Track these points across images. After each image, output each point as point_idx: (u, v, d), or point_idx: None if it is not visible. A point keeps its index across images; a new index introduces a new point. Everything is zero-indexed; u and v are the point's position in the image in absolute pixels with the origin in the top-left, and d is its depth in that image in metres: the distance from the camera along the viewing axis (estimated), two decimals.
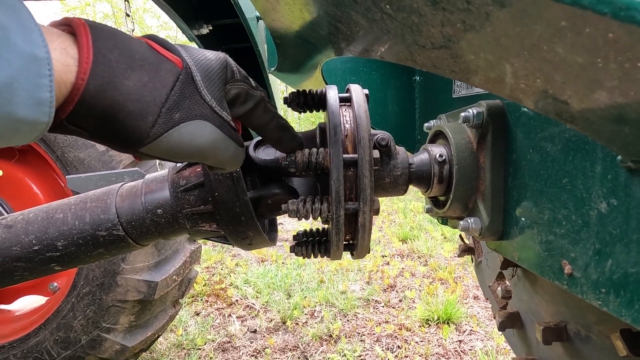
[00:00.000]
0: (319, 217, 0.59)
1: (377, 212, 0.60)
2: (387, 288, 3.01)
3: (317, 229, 0.72)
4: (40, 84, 0.31)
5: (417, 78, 1.11)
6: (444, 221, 0.81)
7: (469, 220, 0.65)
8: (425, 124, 0.83)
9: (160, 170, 0.73)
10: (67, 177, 1.29)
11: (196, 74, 0.42)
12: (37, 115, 0.32)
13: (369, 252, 0.67)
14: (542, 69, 0.29)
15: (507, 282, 0.99)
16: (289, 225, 4.38)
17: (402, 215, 4.67)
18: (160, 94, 0.39)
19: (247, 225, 0.63)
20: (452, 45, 0.34)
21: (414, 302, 2.81)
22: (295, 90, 0.65)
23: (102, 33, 0.37)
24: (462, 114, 0.63)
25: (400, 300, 2.84)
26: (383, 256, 3.55)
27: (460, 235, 1.25)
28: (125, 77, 0.37)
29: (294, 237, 0.69)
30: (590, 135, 0.36)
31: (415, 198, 5.44)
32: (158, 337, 1.96)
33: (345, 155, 0.57)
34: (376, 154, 0.59)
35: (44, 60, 0.31)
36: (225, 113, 0.45)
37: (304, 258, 0.68)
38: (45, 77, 0.31)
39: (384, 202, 5.25)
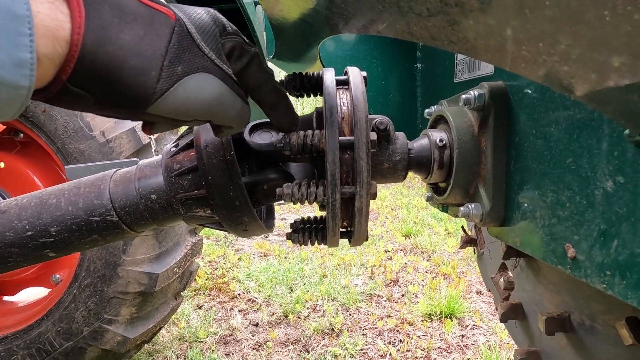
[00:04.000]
0: (315, 202, 0.58)
1: (374, 196, 0.59)
2: (390, 283, 3.00)
3: (315, 217, 0.70)
4: (19, 43, 0.30)
5: (419, 65, 1.08)
6: (445, 208, 0.79)
7: (469, 206, 0.63)
8: (426, 110, 0.82)
9: (155, 157, 0.72)
10: (66, 167, 1.28)
11: (190, 27, 0.41)
12: (17, 77, 0.30)
13: (367, 240, 0.66)
14: (544, 30, 0.27)
15: (510, 273, 0.97)
16: (291, 220, 4.37)
17: (405, 211, 4.65)
18: (159, 47, 0.38)
19: (241, 210, 0.61)
20: (449, 9, 0.32)
21: (416, 296, 2.79)
22: (292, 73, 0.64)
23: None
24: (464, 96, 0.61)
25: (403, 295, 2.83)
26: (386, 251, 3.53)
27: (463, 227, 1.23)
28: (120, 31, 0.36)
29: (291, 225, 0.68)
30: (597, 108, 0.34)
31: (419, 194, 5.41)
32: (160, 329, 1.97)
33: (341, 138, 0.55)
34: (373, 136, 0.57)
35: (23, 18, 0.30)
36: (226, 66, 0.44)
37: (300, 245, 0.67)
38: (25, 37, 0.30)
39: (388, 197, 5.23)
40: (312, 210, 4.63)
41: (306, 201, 0.58)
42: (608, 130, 0.39)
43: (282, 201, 0.64)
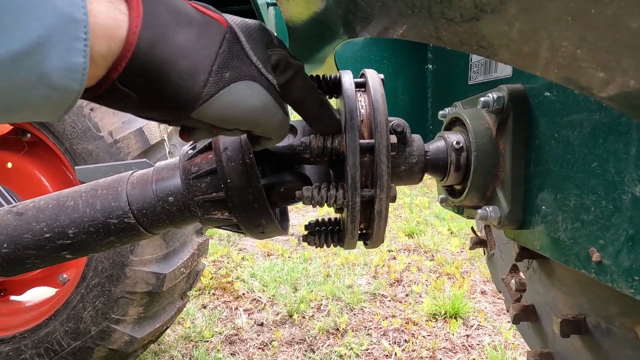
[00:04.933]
0: (334, 205, 0.58)
1: (393, 199, 0.59)
2: (394, 282, 3.00)
3: (329, 219, 0.71)
4: (73, 48, 0.30)
5: (430, 67, 1.08)
6: (460, 211, 0.79)
7: (487, 209, 0.63)
8: (440, 112, 0.81)
9: (171, 159, 0.72)
10: (75, 168, 1.29)
11: (240, 35, 0.41)
12: (68, 82, 0.30)
13: (383, 242, 0.66)
14: (585, 38, 0.27)
15: (522, 275, 0.97)
16: (294, 220, 4.37)
17: (408, 211, 4.65)
18: (210, 52, 0.38)
19: (260, 212, 0.62)
20: (484, 16, 0.32)
21: (420, 296, 2.79)
22: (309, 75, 0.64)
23: None
24: (482, 99, 0.61)
25: (407, 295, 2.83)
26: (389, 251, 3.53)
27: (472, 228, 1.23)
28: (175, 33, 0.36)
29: (306, 227, 0.68)
30: (629, 114, 0.34)
31: (421, 193, 5.40)
32: (166, 328, 1.97)
33: (361, 141, 0.55)
34: (393, 139, 0.58)
35: (80, 23, 0.30)
36: (271, 76, 0.44)
37: (316, 247, 0.67)
38: (80, 41, 0.30)
39: None
40: (314, 211, 4.63)
41: (325, 204, 0.58)
42: (637, 135, 0.39)
43: (300, 203, 0.64)
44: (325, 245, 0.66)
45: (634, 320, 0.61)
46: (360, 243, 0.67)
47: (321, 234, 0.66)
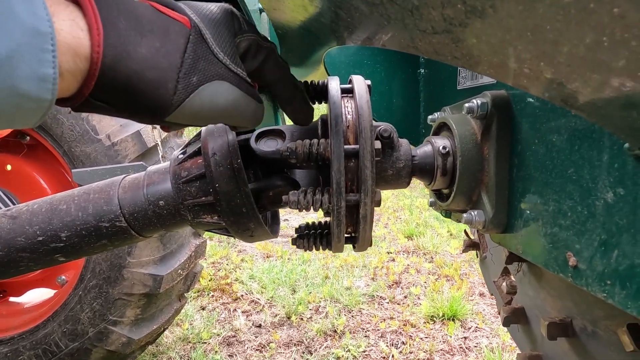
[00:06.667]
0: (320, 209, 0.59)
1: (378, 203, 0.60)
2: (392, 284, 3.00)
3: (320, 222, 0.72)
4: (42, 59, 0.31)
5: (422, 71, 1.09)
6: (448, 214, 0.80)
7: (472, 213, 0.64)
8: (429, 117, 0.82)
9: (163, 163, 0.73)
10: (72, 170, 1.30)
11: (205, 32, 0.41)
12: (40, 91, 0.31)
13: (370, 245, 0.67)
14: (545, 51, 0.28)
15: (512, 278, 0.98)
16: (294, 222, 4.38)
17: (407, 212, 4.65)
18: (175, 59, 0.38)
19: (248, 216, 0.63)
20: (453, 29, 0.33)
21: (419, 298, 2.80)
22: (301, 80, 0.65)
23: (104, 0, 0.36)
24: (466, 104, 0.62)
25: (406, 297, 2.83)
26: (388, 252, 3.54)
27: (465, 231, 1.24)
28: (137, 45, 0.36)
29: (296, 230, 0.69)
30: (598, 122, 0.35)
31: (421, 195, 5.41)
32: (164, 330, 1.98)
33: (346, 146, 0.56)
34: (378, 144, 0.59)
35: (47, 35, 0.31)
36: (241, 70, 0.44)
37: (305, 250, 0.68)
38: (48, 53, 0.31)
39: (390, 198, 5.23)
40: (314, 212, 4.64)
41: (312, 208, 0.59)
42: (608, 143, 0.40)
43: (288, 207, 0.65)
44: (314, 249, 0.67)
45: (617, 322, 0.61)
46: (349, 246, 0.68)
47: (310, 237, 0.67)
